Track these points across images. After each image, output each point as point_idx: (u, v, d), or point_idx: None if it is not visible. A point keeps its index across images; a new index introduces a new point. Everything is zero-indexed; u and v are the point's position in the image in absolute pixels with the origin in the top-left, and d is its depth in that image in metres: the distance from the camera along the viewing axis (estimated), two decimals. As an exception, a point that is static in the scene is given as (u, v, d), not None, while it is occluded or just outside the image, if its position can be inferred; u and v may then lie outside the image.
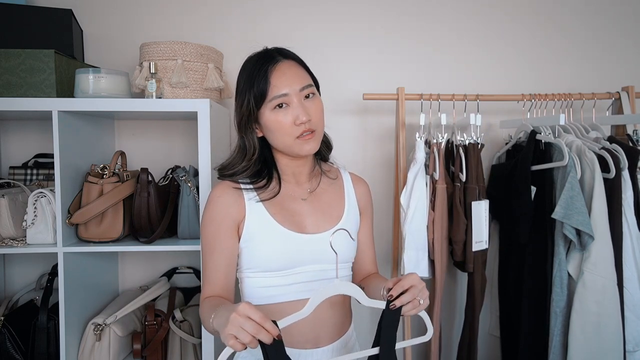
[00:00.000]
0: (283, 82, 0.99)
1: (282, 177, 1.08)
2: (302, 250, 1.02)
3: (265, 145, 1.07)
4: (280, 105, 0.99)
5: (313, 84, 1.04)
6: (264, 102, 0.99)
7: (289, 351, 1.00)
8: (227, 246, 1.02)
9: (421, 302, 0.89)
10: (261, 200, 1.03)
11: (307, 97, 1.01)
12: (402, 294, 0.89)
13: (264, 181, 1.05)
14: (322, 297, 0.85)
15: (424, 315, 0.93)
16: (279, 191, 1.05)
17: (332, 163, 1.18)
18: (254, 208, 1.03)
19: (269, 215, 1.02)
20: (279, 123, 0.99)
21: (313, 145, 1.02)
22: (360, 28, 1.85)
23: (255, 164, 1.05)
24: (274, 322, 0.79)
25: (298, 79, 1.01)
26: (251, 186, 1.05)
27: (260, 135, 1.05)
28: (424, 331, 0.97)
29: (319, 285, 1.04)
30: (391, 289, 0.90)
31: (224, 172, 1.07)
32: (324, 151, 1.15)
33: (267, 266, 1.01)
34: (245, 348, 0.78)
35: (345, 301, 1.10)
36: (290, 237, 1.02)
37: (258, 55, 1.04)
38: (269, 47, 1.06)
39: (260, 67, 1.00)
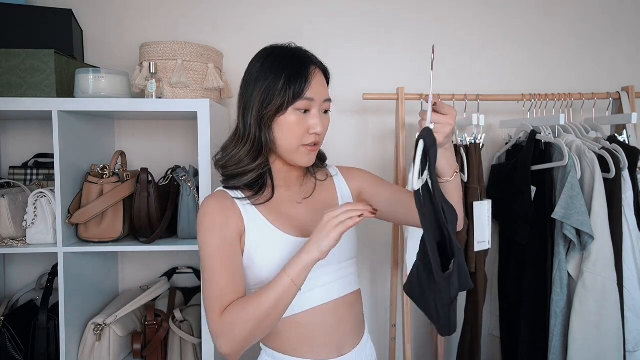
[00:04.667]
0: (316, 87, 0.98)
1: (275, 182, 1.06)
2: None
3: None
4: (304, 110, 0.98)
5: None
6: (296, 101, 0.96)
7: None
8: (236, 250, 0.97)
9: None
10: (255, 205, 1.00)
11: (324, 112, 1.02)
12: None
13: (257, 188, 1.01)
14: None
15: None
16: (271, 196, 1.03)
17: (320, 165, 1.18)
18: (251, 217, 0.99)
19: (269, 223, 1.00)
20: (294, 126, 0.97)
21: (312, 158, 1.03)
22: (360, 28, 1.85)
23: (261, 166, 1.01)
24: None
25: (325, 90, 1.02)
26: (243, 195, 1.01)
27: None
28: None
29: (333, 288, 1.02)
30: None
31: (230, 171, 1.01)
32: (316, 162, 1.13)
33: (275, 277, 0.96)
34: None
35: (359, 299, 1.10)
36: (295, 243, 0.99)
37: (296, 51, 1.01)
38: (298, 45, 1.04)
39: (302, 65, 0.97)
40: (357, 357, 1.05)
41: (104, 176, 1.47)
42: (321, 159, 1.16)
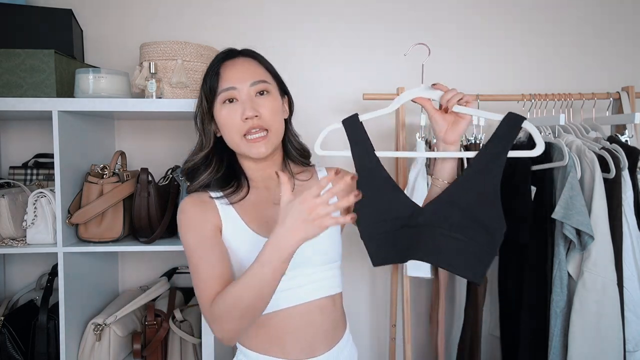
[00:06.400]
0: (232, 75, 0.99)
1: (252, 183, 1.06)
2: None
3: (228, 149, 1.05)
4: (231, 101, 0.98)
5: (269, 82, 1.02)
6: (215, 97, 0.99)
7: None
8: (216, 242, 0.97)
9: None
10: (231, 203, 1.01)
11: (261, 93, 0.99)
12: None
13: (232, 188, 1.03)
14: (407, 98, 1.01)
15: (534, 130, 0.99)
16: (246, 194, 1.03)
17: (306, 164, 1.14)
18: (227, 215, 1.00)
19: (244, 224, 1.00)
20: (227, 119, 0.99)
21: (262, 150, 0.99)
22: (360, 28, 1.85)
23: (215, 158, 1.04)
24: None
25: (249, 74, 1.00)
26: (221, 194, 1.03)
27: (219, 134, 1.04)
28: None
29: (304, 291, 1.01)
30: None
31: (188, 167, 1.05)
32: (292, 154, 1.10)
33: None
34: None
35: (337, 304, 1.07)
36: None
37: (219, 53, 1.05)
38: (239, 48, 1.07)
39: (216, 63, 1.02)
40: None
41: (104, 176, 1.47)
42: (303, 155, 1.12)
